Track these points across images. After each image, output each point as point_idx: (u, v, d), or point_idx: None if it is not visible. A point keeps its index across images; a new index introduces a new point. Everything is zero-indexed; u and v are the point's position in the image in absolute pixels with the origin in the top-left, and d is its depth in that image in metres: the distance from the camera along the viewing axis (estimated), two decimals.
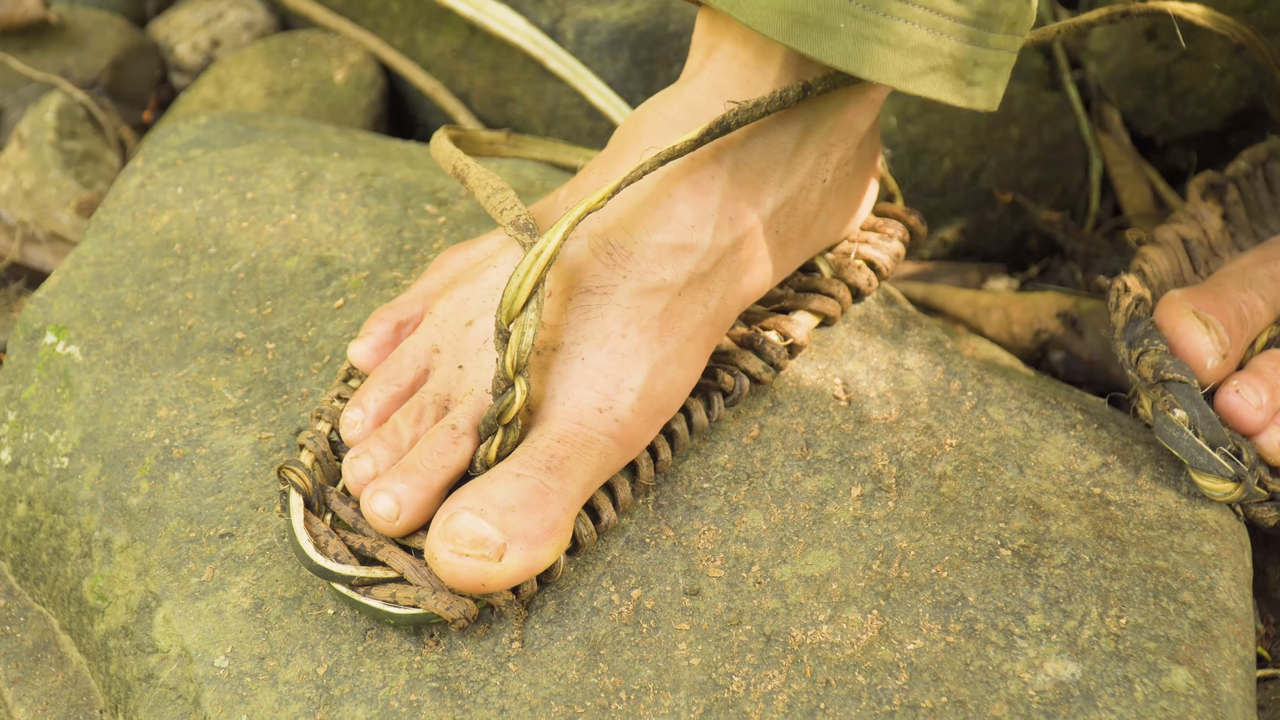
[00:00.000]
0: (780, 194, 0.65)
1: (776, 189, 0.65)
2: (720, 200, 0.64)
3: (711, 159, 0.64)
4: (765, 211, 0.65)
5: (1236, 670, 0.59)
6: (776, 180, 0.65)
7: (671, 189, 0.63)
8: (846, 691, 0.58)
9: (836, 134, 0.66)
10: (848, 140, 0.67)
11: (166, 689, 0.60)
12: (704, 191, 0.63)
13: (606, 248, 0.63)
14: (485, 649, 0.59)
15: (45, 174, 0.98)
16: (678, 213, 0.63)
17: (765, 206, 0.65)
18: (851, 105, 0.65)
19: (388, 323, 0.66)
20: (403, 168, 0.82)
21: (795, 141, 0.65)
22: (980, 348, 0.75)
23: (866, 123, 0.67)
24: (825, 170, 0.66)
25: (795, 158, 0.65)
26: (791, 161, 0.65)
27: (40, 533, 0.69)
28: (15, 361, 0.74)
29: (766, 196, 0.65)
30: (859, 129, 0.67)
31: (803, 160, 0.65)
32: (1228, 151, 0.99)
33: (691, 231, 0.63)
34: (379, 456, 0.61)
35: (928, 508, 0.64)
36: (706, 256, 0.63)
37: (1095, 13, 0.69)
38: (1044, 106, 0.98)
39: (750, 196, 0.64)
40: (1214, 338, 0.66)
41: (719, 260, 0.64)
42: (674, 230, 0.63)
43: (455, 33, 1.03)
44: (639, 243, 0.63)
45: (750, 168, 0.64)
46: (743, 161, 0.64)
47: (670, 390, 0.63)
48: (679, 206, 0.63)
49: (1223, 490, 0.65)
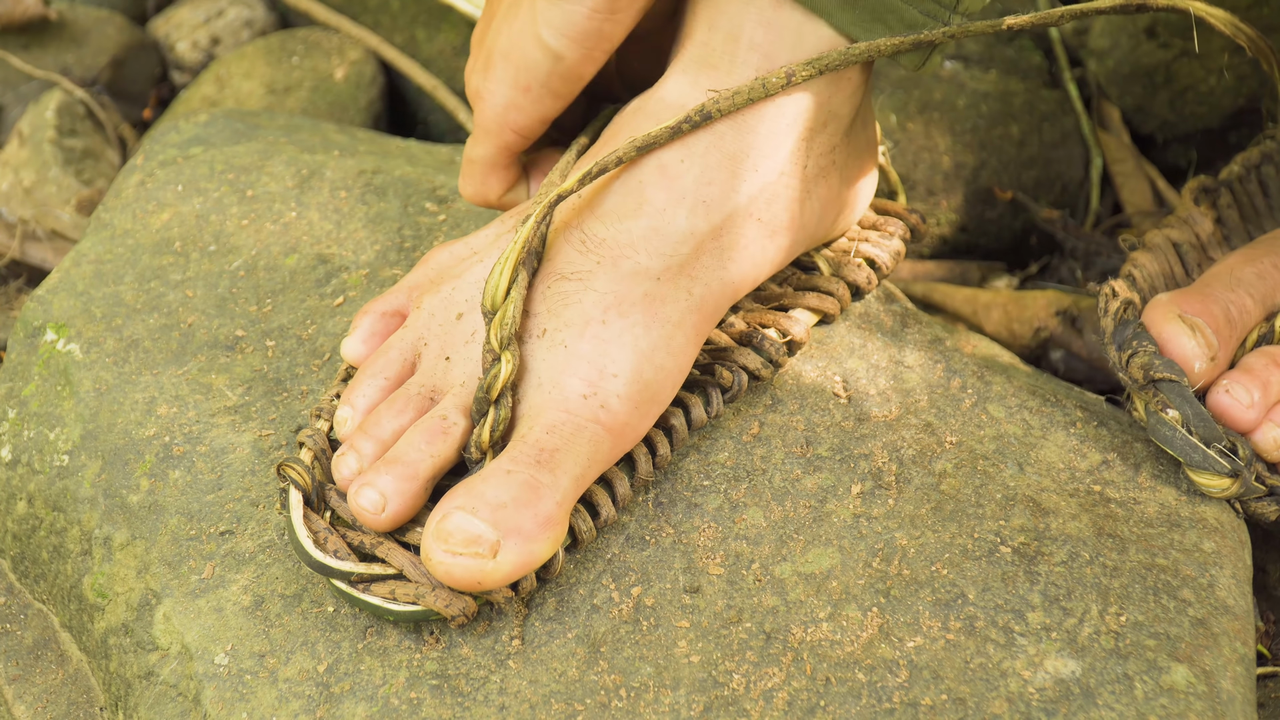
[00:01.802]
0: (757, 179, 0.65)
1: (752, 173, 0.65)
2: (692, 184, 0.64)
3: (680, 144, 0.64)
4: (742, 197, 0.65)
5: (1236, 668, 0.60)
6: (751, 165, 0.65)
7: (641, 176, 0.64)
8: (846, 689, 0.58)
9: (814, 118, 0.66)
10: (829, 126, 0.66)
11: (167, 686, 0.61)
12: (673, 175, 0.64)
13: (580, 235, 0.63)
14: (485, 646, 0.59)
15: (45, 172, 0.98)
16: (648, 196, 0.64)
17: (742, 192, 0.65)
18: (827, 88, 0.65)
19: (373, 314, 0.67)
20: (403, 165, 0.82)
21: (769, 125, 0.65)
22: (980, 345, 0.75)
23: (847, 108, 0.67)
24: (806, 156, 0.66)
25: (770, 142, 0.65)
26: (766, 146, 0.65)
27: (40, 530, 0.69)
28: (15, 359, 0.74)
29: (742, 181, 0.65)
30: (840, 114, 0.67)
31: (778, 145, 0.65)
32: (1227, 149, 1.00)
33: (662, 215, 0.63)
34: (363, 451, 0.61)
35: (928, 505, 0.64)
36: (683, 241, 0.64)
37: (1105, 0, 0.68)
38: (1044, 104, 0.98)
39: (724, 181, 0.64)
40: (1200, 341, 0.66)
41: (698, 246, 0.64)
42: (645, 214, 0.63)
43: (455, 30, 1.03)
44: (611, 228, 0.63)
45: (722, 151, 0.64)
46: (714, 146, 0.64)
47: (659, 378, 0.63)
48: (649, 190, 0.64)
49: (1220, 486, 0.65)
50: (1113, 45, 0.99)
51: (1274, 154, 0.80)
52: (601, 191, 0.64)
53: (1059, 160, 0.97)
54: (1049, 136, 0.97)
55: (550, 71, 0.65)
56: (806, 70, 0.63)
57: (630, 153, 0.63)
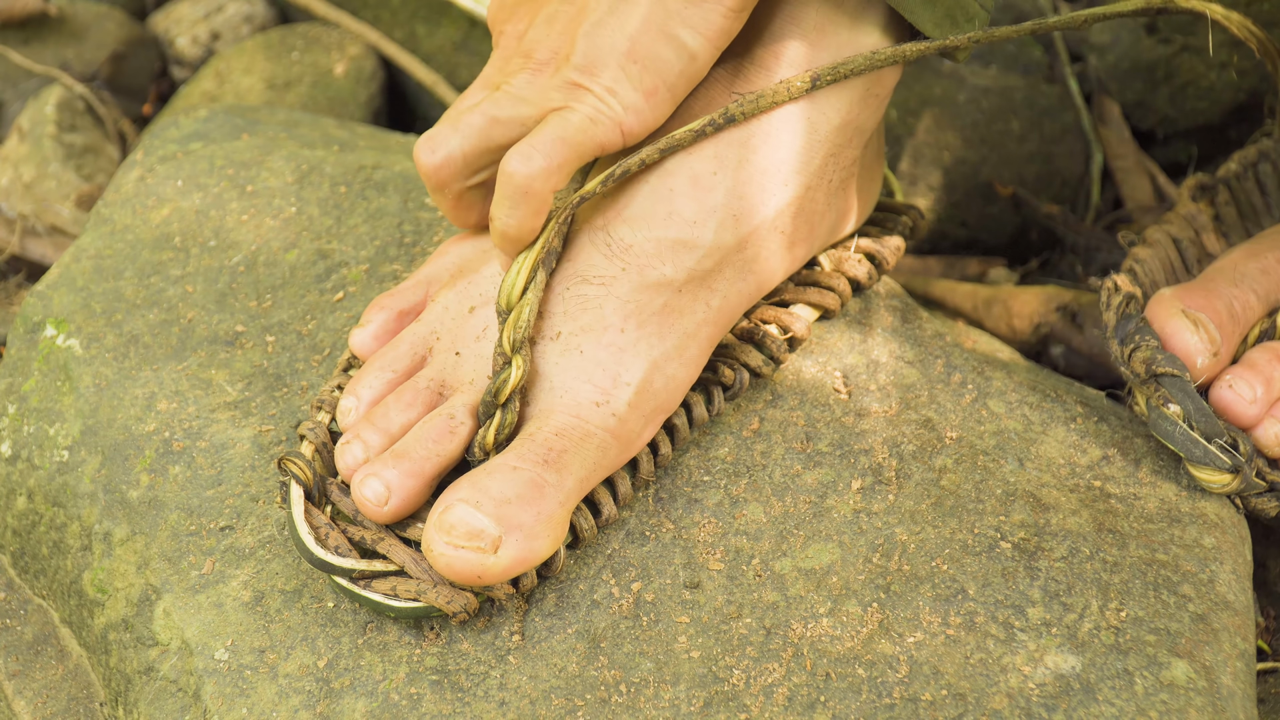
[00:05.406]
0: (786, 194, 0.65)
1: (782, 188, 0.64)
2: (723, 198, 0.63)
3: (714, 156, 0.63)
4: (770, 211, 0.64)
5: (1236, 663, 0.60)
6: (782, 180, 0.64)
7: (672, 184, 0.63)
8: (846, 684, 0.58)
9: (844, 135, 0.65)
10: (854, 141, 0.66)
11: (167, 682, 0.61)
12: (706, 188, 0.63)
13: (605, 239, 0.62)
14: (485, 642, 0.59)
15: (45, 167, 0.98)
16: (678, 208, 0.63)
17: (770, 206, 0.64)
18: (858, 104, 0.65)
19: (389, 310, 0.66)
20: (403, 161, 0.81)
21: (802, 141, 0.64)
22: (980, 341, 0.75)
23: (873, 121, 0.67)
24: (833, 171, 0.66)
25: (801, 158, 0.65)
26: (798, 161, 0.65)
27: (40, 526, 0.69)
28: (15, 355, 0.74)
29: (771, 196, 0.64)
30: (866, 129, 0.67)
31: (809, 161, 0.65)
32: (1228, 144, 0.99)
33: (692, 228, 0.63)
34: (369, 441, 0.61)
35: (928, 501, 0.64)
36: (709, 254, 0.63)
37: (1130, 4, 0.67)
38: (1044, 100, 0.98)
39: (755, 196, 0.64)
40: (1203, 336, 0.66)
41: (722, 259, 0.64)
42: (674, 225, 0.63)
43: (455, 26, 1.03)
44: (638, 236, 0.62)
45: (755, 166, 0.64)
46: (747, 160, 0.64)
47: (669, 387, 0.62)
48: (679, 201, 0.63)
49: (1220, 482, 0.65)
50: (1113, 40, 0.99)
51: (1271, 152, 0.80)
52: (629, 195, 0.63)
53: (1059, 155, 0.97)
54: (1049, 132, 0.97)
55: (681, 73, 0.61)
56: (830, 74, 0.63)
57: (653, 155, 0.62)
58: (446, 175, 0.62)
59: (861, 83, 0.65)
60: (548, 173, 0.59)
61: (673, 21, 0.60)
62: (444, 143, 0.62)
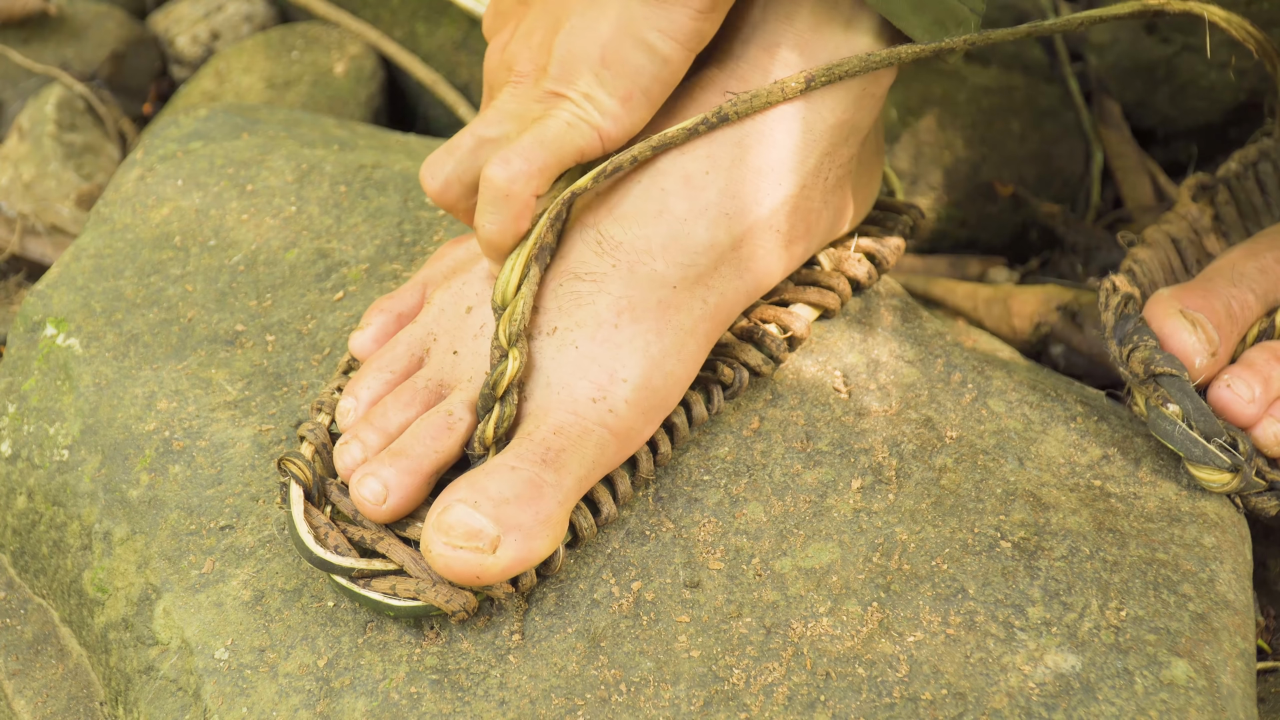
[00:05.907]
0: (780, 193, 0.65)
1: (777, 187, 0.65)
2: (716, 196, 0.63)
3: (707, 155, 0.64)
4: (765, 210, 0.64)
5: (1236, 663, 0.60)
6: (776, 179, 0.64)
7: (664, 183, 0.63)
8: (846, 684, 0.58)
9: (839, 134, 0.66)
10: (850, 139, 0.66)
11: (167, 681, 0.61)
12: (698, 187, 0.63)
13: (596, 236, 0.63)
14: (485, 641, 0.59)
15: (45, 166, 0.98)
16: (670, 206, 0.63)
17: (765, 205, 0.64)
18: (853, 104, 0.65)
19: (388, 313, 0.66)
20: (403, 160, 0.81)
21: (797, 141, 0.64)
22: (980, 340, 0.75)
23: (869, 120, 0.67)
24: (829, 170, 0.66)
25: (796, 157, 0.65)
26: (792, 161, 0.65)
27: (40, 525, 0.69)
28: (15, 354, 0.74)
29: (766, 195, 0.64)
30: (862, 128, 0.67)
31: (804, 160, 0.65)
32: (1228, 144, 0.99)
33: (684, 224, 0.63)
34: (368, 441, 0.61)
35: (928, 500, 0.64)
36: (703, 252, 0.63)
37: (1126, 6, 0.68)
38: (1045, 99, 0.98)
39: (749, 194, 0.64)
40: (1201, 336, 0.66)
41: (718, 257, 0.64)
42: (665, 223, 0.63)
43: (455, 25, 1.03)
44: (629, 233, 0.63)
45: (749, 165, 0.64)
46: (740, 159, 0.64)
47: (668, 385, 0.62)
48: (671, 200, 0.63)
49: (1220, 481, 0.65)
50: (1113, 40, 0.99)
51: (1271, 151, 0.80)
52: (620, 193, 0.64)
53: (1059, 155, 0.97)
54: (1049, 131, 0.97)
55: (655, 77, 0.62)
56: (825, 75, 0.63)
57: (645, 152, 0.62)
58: (451, 198, 0.64)
59: (857, 84, 0.65)
60: (528, 176, 0.60)
61: (642, 26, 0.60)
62: (441, 169, 0.63)
